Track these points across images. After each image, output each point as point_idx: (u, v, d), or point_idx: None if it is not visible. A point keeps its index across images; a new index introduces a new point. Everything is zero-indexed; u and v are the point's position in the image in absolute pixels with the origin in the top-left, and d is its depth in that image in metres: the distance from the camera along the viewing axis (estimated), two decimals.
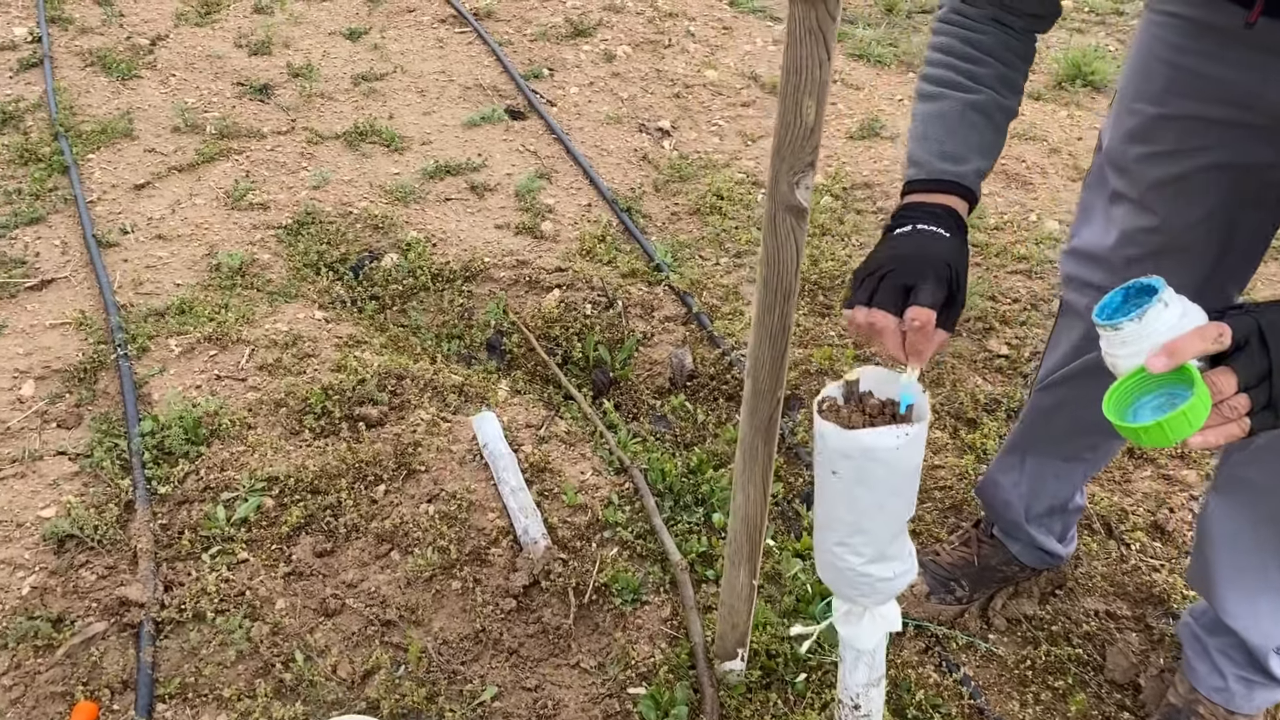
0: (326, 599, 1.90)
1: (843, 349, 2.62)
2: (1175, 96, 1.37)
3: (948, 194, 1.26)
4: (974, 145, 1.30)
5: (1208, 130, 1.36)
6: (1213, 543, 1.60)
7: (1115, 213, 1.52)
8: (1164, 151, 1.42)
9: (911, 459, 1.13)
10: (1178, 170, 1.42)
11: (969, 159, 1.29)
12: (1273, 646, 1.58)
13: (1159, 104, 1.40)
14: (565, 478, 2.17)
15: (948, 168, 1.28)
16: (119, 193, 3.18)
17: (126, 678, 1.72)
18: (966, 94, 1.32)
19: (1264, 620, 1.56)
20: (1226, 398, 0.91)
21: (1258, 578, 1.56)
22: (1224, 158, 1.37)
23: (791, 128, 1.18)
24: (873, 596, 1.26)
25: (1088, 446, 1.78)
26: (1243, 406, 0.91)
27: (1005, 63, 1.34)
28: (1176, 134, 1.39)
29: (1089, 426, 1.74)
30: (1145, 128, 1.43)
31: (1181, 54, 1.34)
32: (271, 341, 2.52)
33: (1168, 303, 0.98)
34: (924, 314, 1.08)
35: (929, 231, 1.19)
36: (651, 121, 3.89)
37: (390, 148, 3.56)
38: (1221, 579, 1.59)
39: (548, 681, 1.78)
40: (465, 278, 2.88)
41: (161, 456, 2.16)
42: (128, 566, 1.93)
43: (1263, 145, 1.34)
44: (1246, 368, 0.92)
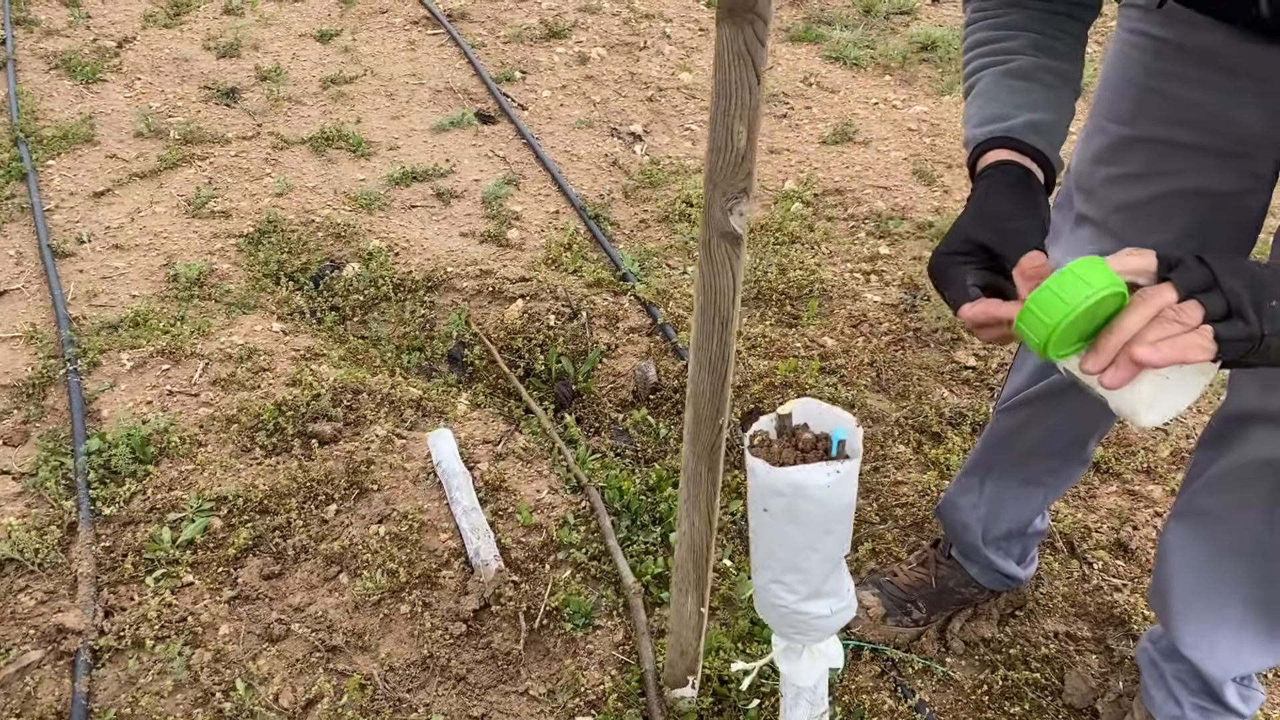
0: (271, 624, 1.85)
1: (808, 360, 2.59)
2: (1145, 118, 1.34)
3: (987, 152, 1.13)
4: (1016, 104, 1.17)
5: (1176, 154, 1.33)
6: (1171, 571, 1.57)
7: (1079, 235, 1.49)
8: (1131, 174, 1.38)
9: (843, 496, 1.09)
10: (1144, 194, 1.38)
11: (1012, 115, 1.15)
12: (1229, 677, 1.55)
13: (1129, 125, 1.36)
14: (521, 496, 2.13)
15: (991, 127, 1.15)
16: (77, 200, 3.13)
17: (61, 709, 1.68)
18: (998, 67, 1.21)
19: (1221, 652, 1.53)
20: (1168, 303, 0.82)
21: (1215, 610, 1.53)
22: (1192, 183, 1.34)
23: (723, 153, 1.15)
24: (810, 634, 1.23)
25: (1048, 470, 1.75)
26: (1193, 311, 0.82)
27: (1039, 31, 1.22)
28: (1145, 157, 1.36)
29: (1050, 450, 1.71)
30: (1114, 149, 1.40)
31: (1151, 75, 1.31)
32: (226, 355, 2.47)
33: None
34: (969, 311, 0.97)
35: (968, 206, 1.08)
36: (624, 126, 3.85)
37: (357, 153, 3.51)
38: (1178, 609, 1.56)
39: (495, 709, 1.74)
40: (428, 288, 2.84)
41: (108, 476, 2.12)
42: (67, 592, 1.88)
43: (1230, 172, 1.31)
44: (1183, 276, 0.83)
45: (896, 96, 4.16)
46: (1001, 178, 1.11)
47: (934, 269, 1.05)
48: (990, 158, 1.13)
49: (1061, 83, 1.21)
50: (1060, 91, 1.20)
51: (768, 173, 3.54)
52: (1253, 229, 1.39)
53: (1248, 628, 1.52)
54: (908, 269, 3.01)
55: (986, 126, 1.16)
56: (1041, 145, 1.13)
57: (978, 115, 1.19)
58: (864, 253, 3.09)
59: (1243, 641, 1.53)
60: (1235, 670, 1.55)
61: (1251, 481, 1.42)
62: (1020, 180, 1.10)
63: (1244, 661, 1.55)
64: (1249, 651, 1.54)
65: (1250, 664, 1.55)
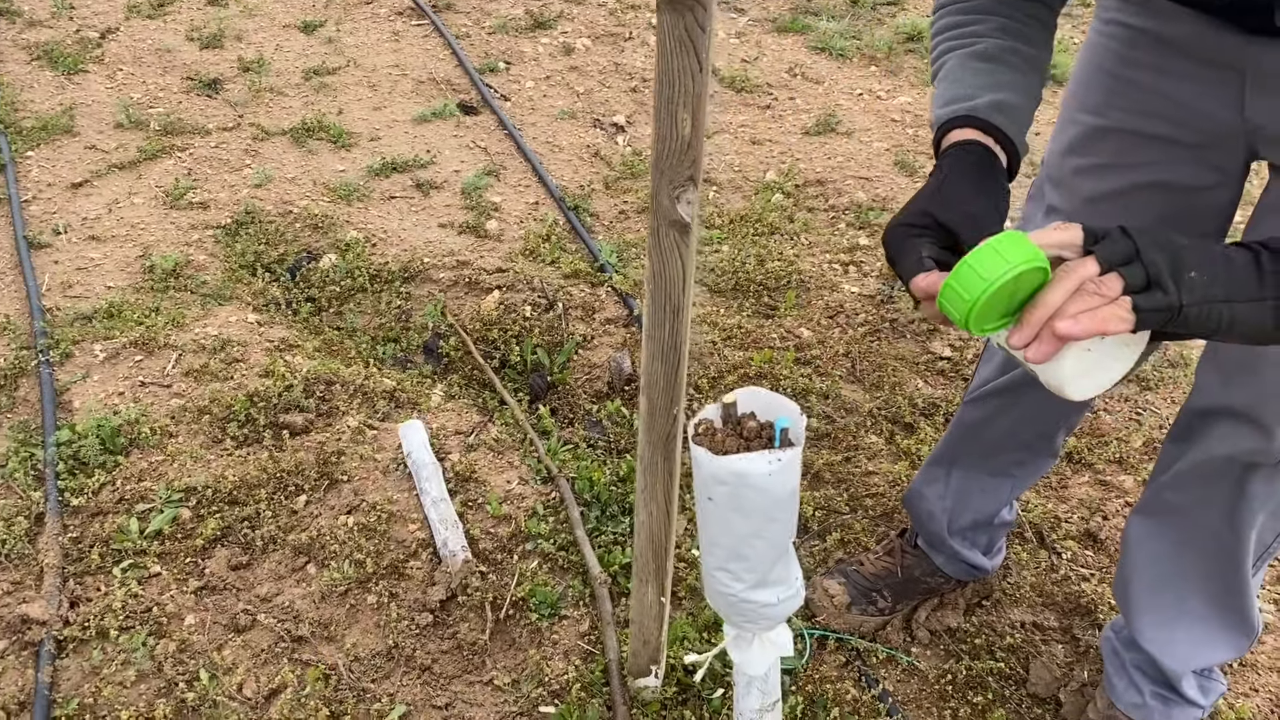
0: (238, 614, 1.85)
1: (784, 351, 2.59)
2: (1115, 109, 1.34)
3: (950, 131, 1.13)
4: (981, 84, 1.16)
5: (1145, 146, 1.33)
6: (1133, 564, 1.57)
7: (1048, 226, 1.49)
8: (1100, 165, 1.38)
9: (786, 484, 1.09)
10: (1112, 186, 1.38)
11: (976, 95, 1.15)
12: (1187, 670, 1.55)
13: (1099, 115, 1.36)
14: (491, 487, 2.13)
15: (955, 106, 1.15)
16: (55, 191, 3.12)
17: (24, 699, 1.67)
18: (965, 49, 1.21)
19: (1179, 646, 1.53)
20: (1089, 276, 0.83)
21: (1176, 603, 1.53)
22: (1159, 176, 1.34)
23: (668, 141, 1.14)
24: (759, 622, 1.23)
25: (1015, 462, 1.75)
26: (1113, 284, 0.82)
27: (1007, 16, 1.22)
28: (1114, 147, 1.36)
29: (1018, 442, 1.72)
30: (1084, 139, 1.40)
31: (1125, 65, 1.31)
32: (200, 346, 2.47)
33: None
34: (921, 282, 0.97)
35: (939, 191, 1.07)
36: (607, 117, 3.84)
37: (337, 144, 3.50)
38: (1139, 602, 1.56)
39: (459, 699, 1.74)
40: (404, 279, 2.83)
41: (77, 467, 2.11)
42: (33, 582, 1.88)
43: (1198, 166, 1.31)
44: (1106, 250, 0.84)
45: (881, 87, 4.15)
46: (965, 157, 1.10)
47: (889, 239, 1.04)
48: (954, 136, 1.12)
49: (1028, 67, 1.20)
50: (1027, 76, 1.20)
51: (749, 163, 3.53)
52: (1221, 225, 1.39)
53: (1207, 622, 1.53)
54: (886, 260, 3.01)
55: (951, 106, 1.15)
56: (1005, 125, 1.13)
57: (943, 96, 1.18)
58: (843, 244, 3.09)
59: (1202, 636, 1.53)
60: (1194, 663, 1.55)
61: (1214, 478, 1.42)
62: (983, 160, 1.10)
63: (1203, 655, 1.55)
64: (1208, 646, 1.54)
65: (1209, 658, 1.55)
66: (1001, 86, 1.16)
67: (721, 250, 3.01)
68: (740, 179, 3.44)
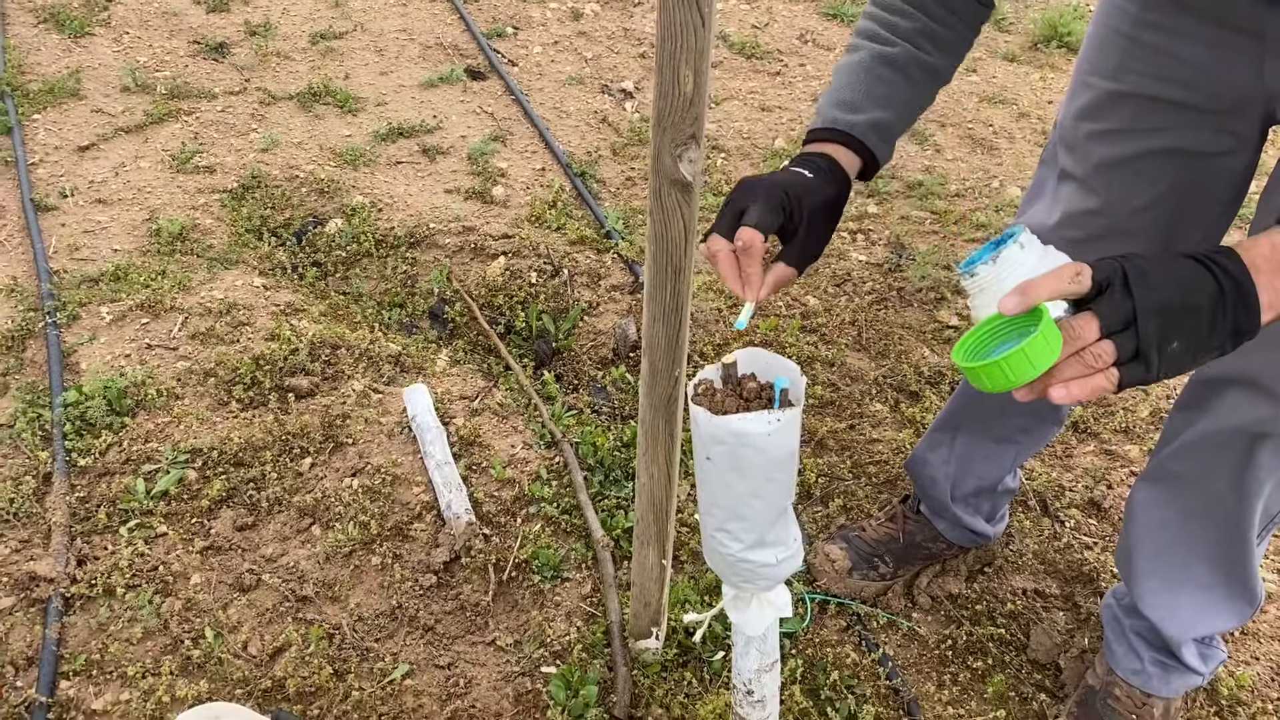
0: (243, 574, 1.87)
1: (790, 319, 2.58)
2: (1130, 72, 1.32)
3: (835, 144, 1.22)
4: (876, 97, 1.25)
5: (1159, 111, 1.31)
6: (1137, 532, 1.57)
7: (1062, 192, 1.48)
8: (1114, 130, 1.37)
9: (785, 445, 1.09)
10: (1126, 151, 1.37)
11: (865, 109, 1.23)
12: (1189, 638, 1.55)
13: (1113, 79, 1.35)
14: (495, 451, 2.13)
15: (839, 115, 1.23)
16: (62, 155, 3.12)
17: (31, 654, 1.69)
18: (880, 45, 1.27)
19: (1181, 613, 1.53)
20: (1088, 344, 0.84)
21: (1180, 571, 1.53)
22: (1173, 142, 1.32)
23: (670, 98, 1.13)
24: (757, 582, 1.23)
25: (1019, 429, 1.74)
26: (1107, 355, 0.84)
27: (934, 18, 1.27)
28: (1128, 112, 1.35)
29: (1021, 408, 1.70)
30: (1097, 104, 1.38)
31: (1140, 27, 1.29)
32: (206, 310, 2.47)
33: (1024, 245, 0.94)
34: (747, 233, 1.05)
35: (789, 170, 1.16)
36: (615, 83, 3.81)
37: (344, 109, 3.48)
38: (1142, 568, 1.56)
39: (462, 659, 1.76)
40: (410, 244, 2.83)
41: (84, 428, 2.12)
42: (41, 540, 1.90)
43: (1211, 132, 1.29)
44: (1108, 310, 0.85)
45: None
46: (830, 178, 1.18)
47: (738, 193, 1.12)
48: (824, 148, 1.22)
49: (927, 81, 1.29)
50: (921, 91, 1.30)
51: (758, 130, 3.50)
52: (1236, 191, 1.37)
53: (1210, 590, 1.52)
54: (895, 228, 2.99)
55: (836, 112, 1.24)
56: (875, 146, 1.24)
57: (838, 93, 1.27)
58: (851, 211, 3.07)
59: (1204, 603, 1.53)
60: (1195, 631, 1.55)
61: (1221, 448, 1.41)
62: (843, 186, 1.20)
63: (1204, 623, 1.55)
64: (1210, 613, 1.54)
65: (1210, 625, 1.55)
66: (890, 104, 1.25)
67: None
68: (749, 146, 3.42)
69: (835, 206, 1.18)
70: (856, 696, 1.69)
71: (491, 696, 1.68)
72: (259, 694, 1.66)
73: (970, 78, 3.96)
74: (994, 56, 4.20)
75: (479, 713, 1.65)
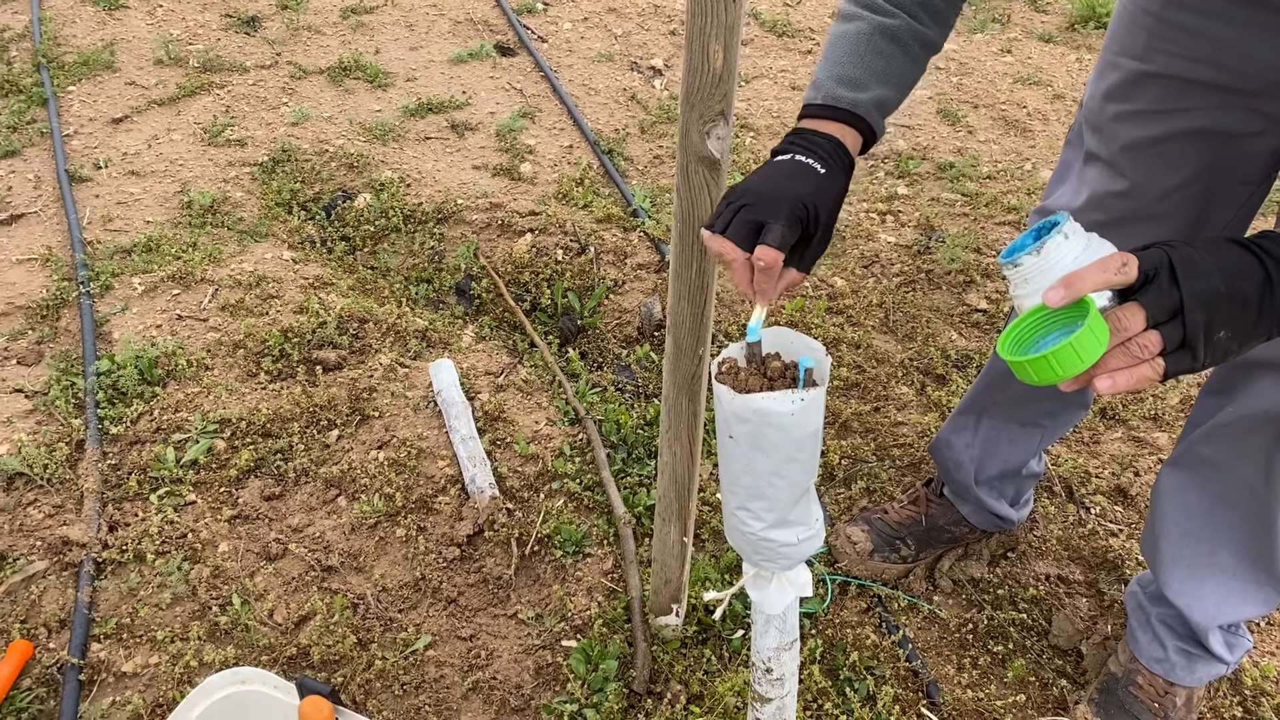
0: (270, 543, 1.89)
1: (816, 300, 2.57)
2: (1158, 52, 1.29)
3: (839, 123, 1.20)
4: (878, 72, 1.22)
5: (1188, 91, 1.28)
6: (1163, 517, 1.55)
7: (1088, 174, 1.46)
8: (1141, 111, 1.34)
9: (808, 425, 1.08)
10: (1154, 132, 1.34)
11: (869, 86, 1.21)
12: (1215, 625, 1.54)
13: (1141, 59, 1.32)
14: (519, 427, 2.14)
15: (843, 93, 1.21)
16: (96, 126, 3.15)
17: (64, 617, 1.73)
18: (880, 16, 1.24)
19: (1207, 600, 1.52)
20: (1133, 335, 0.84)
21: (1206, 557, 1.51)
22: (1202, 123, 1.29)
23: (699, 73, 1.13)
24: (778, 561, 1.23)
25: (1045, 413, 1.73)
26: (1153, 345, 0.83)
27: None
28: (1156, 93, 1.32)
29: (1047, 392, 1.69)
30: (1125, 84, 1.36)
31: (1169, 6, 1.26)
32: (236, 282, 2.50)
33: (1069, 235, 0.92)
34: (769, 255, 1.03)
35: (802, 164, 1.13)
36: (644, 60, 3.79)
37: (374, 84, 3.49)
38: (1168, 554, 1.55)
39: (484, 631, 1.78)
40: (438, 220, 2.83)
41: (116, 396, 2.16)
42: (74, 506, 1.93)
43: (1241, 112, 1.26)
44: (1154, 300, 0.84)
45: None
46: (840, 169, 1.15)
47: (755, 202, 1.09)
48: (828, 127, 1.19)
49: (923, 53, 1.27)
50: (917, 65, 1.27)
51: (787, 109, 3.47)
52: (1267, 173, 1.34)
53: (1237, 577, 1.51)
54: (925, 210, 2.96)
55: (843, 90, 1.21)
56: (875, 123, 1.21)
57: (836, 67, 1.23)
58: (881, 192, 3.04)
59: (1231, 590, 1.52)
60: (1222, 618, 1.54)
61: (1251, 434, 1.39)
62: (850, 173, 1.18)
63: (1231, 610, 1.53)
64: (1237, 600, 1.53)
65: (1237, 613, 1.54)
66: (891, 79, 1.23)
67: None
68: (779, 125, 3.39)
69: (843, 198, 1.17)
70: (875, 677, 1.69)
71: (512, 668, 1.70)
72: (284, 661, 1.68)
73: (1005, 58, 3.90)
74: (1030, 37, 4.14)
75: (500, 684, 1.67)
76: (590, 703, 1.61)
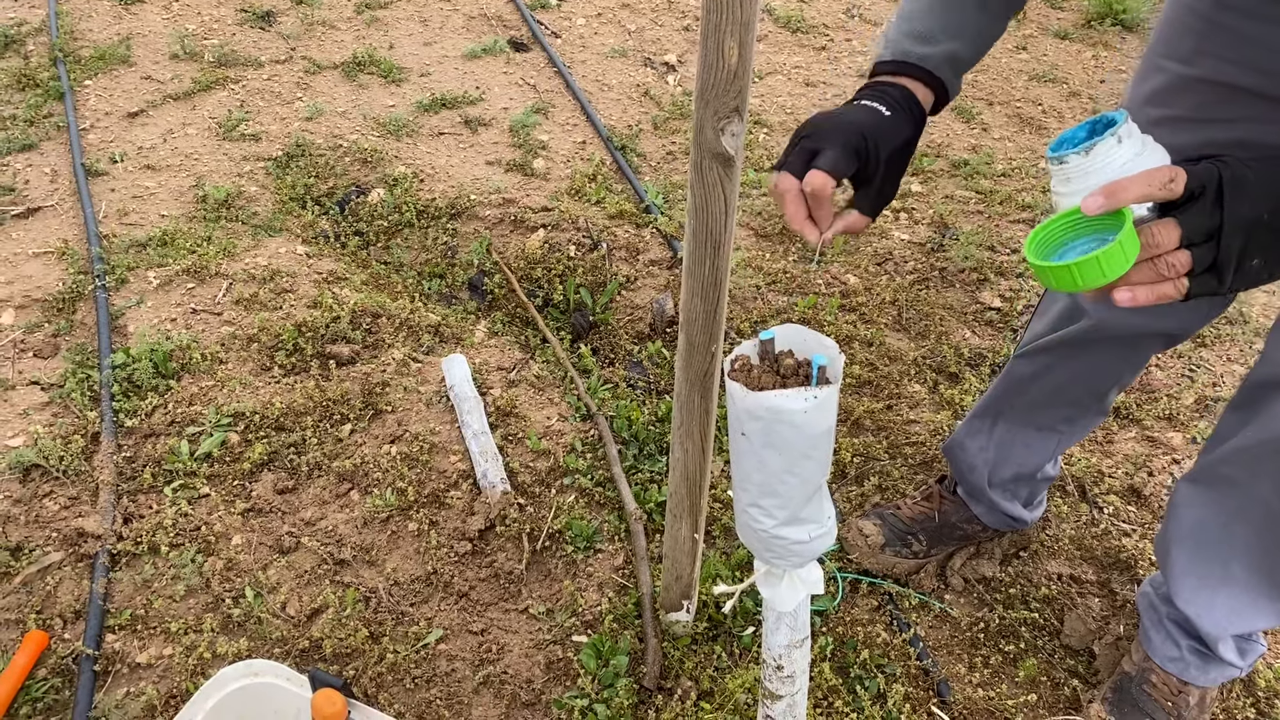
0: (283, 536, 1.90)
1: (829, 298, 2.56)
2: (1206, 56, 1.25)
3: (909, 77, 1.16)
4: (951, 26, 1.19)
5: (1231, 100, 1.24)
6: (1178, 528, 1.54)
7: None
8: (1180, 117, 1.29)
9: (821, 422, 1.08)
10: (1190, 140, 1.26)
11: (939, 40, 1.18)
12: (1226, 635, 1.53)
13: (1188, 63, 1.27)
14: (531, 422, 2.15)
15: (912, 48, 1.18)
16: (112, 121, 3.17)
17: (79, 608, 1.74)
18: None
19: (1218, 611, 1.51)
20: (1164, 252, 0.82)
21: (1219, 569, 1.50)
22: (1239, 134, 1.24)
23: (714, 70, 1.12)
24: (789, 559, 1.23)
25: (1063, 419, 1.71)
26: (1182, 265, 0.82)
27: None
28: (1196, 100, 1.27)
29: (1067, 399, 1.67)
30: (1168, 89, 1.31)
31: (1219, 9, 1.22)
32: (250, 276, 2.51)
33: (1122, 138, 0.88)
34: (818, 178, 1.01)
35: (867, 106, 1.11)
36: (658, 55, 3.78)
37: (388, 79, 3.50)
38: (1180, 566, 1.54)
39: (495, 626, 1.78)
40: (451, 215, 2.84)
41: (131, 389, 2.17)
42: (89, 498, 1.94)
43: None
44: (1193, 221, 0.82)
45: None
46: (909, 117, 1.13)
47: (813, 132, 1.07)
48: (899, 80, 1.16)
49: (1004, 7, 1.23)
50: (998, 19, 1.23)
51: (801, 105, 3.47)
52: None
53: (1250, 590, 1.49)
54: (939, 207, 2.95)
55: (912, 44, 1.18)
56: (948, 79, 1.18)
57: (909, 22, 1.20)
58: None
59: (1243, 603, 1.51)
60: (1233, 630, 1.53)
61: (1270, 456, 1.37)
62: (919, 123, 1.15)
63: (1242, 622, 1.52)
64: (1249, 613, 1.51)
65: (1248, 624, 1.53)
66: (964, 33, 1.19)
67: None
68: (792, 121, 3.38)
69: (911, 147, 1.13)
70: (886, 675, 1.69)
71: (523, 663, 1.71)
72: (296, 653, 1.69)
73: (1020, 55, 3.88)
74: (1045, 34, 4.11)
75: (511, 678, 1.68)
76: (601, 698, 1.62)
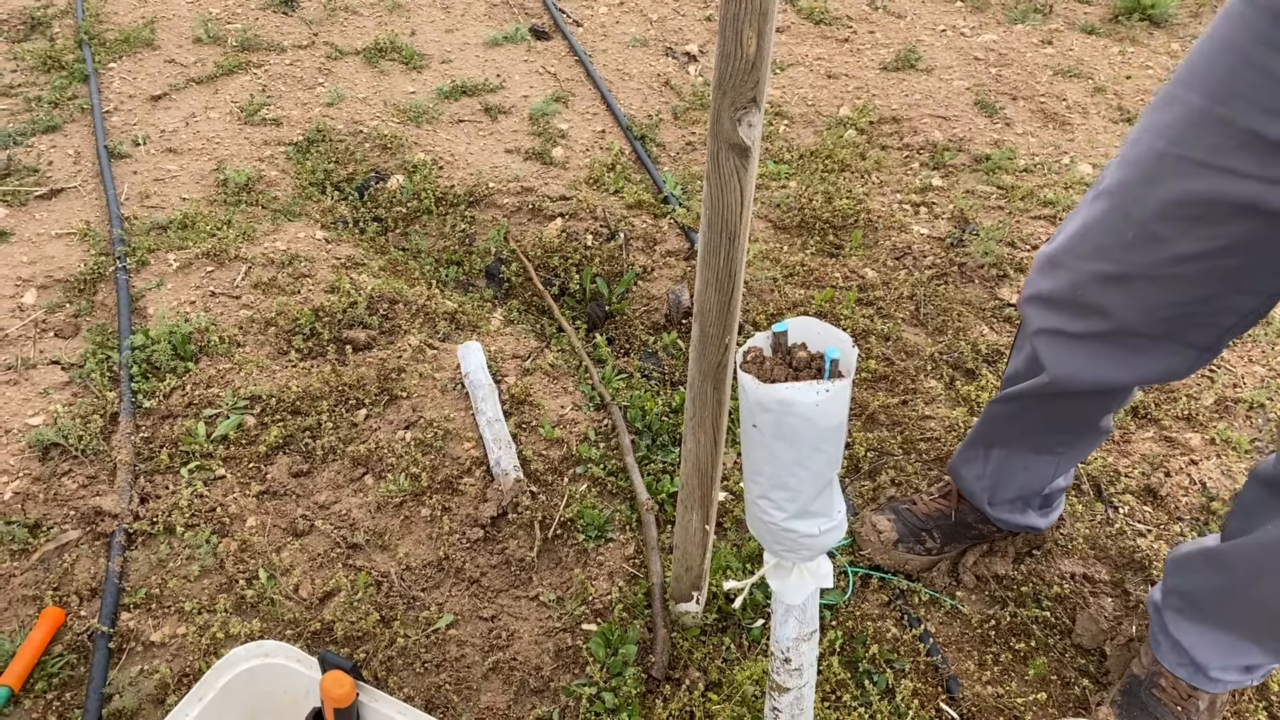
0: (297, 519, 1.92)
1: (846, 291, 2.55)
2: (1236, 96, 1.17)
3: None
4: None
5: (1253, 151, 1.16)
6: (1178, 584, 1.54)
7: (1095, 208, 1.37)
8: (1194, 160, 1.22)
9: (833, 416, 1.08)
10: (1190, 189, 1.23)
11: None
12: (1221, 665, 1.53)
13: (1214, 100, 1.19)
14: (545, 411, 2.15)
15: None
16: (135, 103, 3.19)
17: (95, 586, 1.76)
18: None
19: (1211, 651, 1.52)
20: None
21: (1215, 623, 1.50)
22: (1253, 195, 1.17)
23: (732, 60, 1.12)
24: (799, 552, 1.23)
25: (1060, 443, 1.67)
26: None
27: None
28: (1216, 143, 1.19)
29: (1059, 428, 1.64)
30: (1183, 125, 1.23)
31: (1263, 47, 1.14)
32: (269, 260, 2.52)
33: None
34: None
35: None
36: (679, 45, 3.77)
37: (409, 66, 3.50)
38: (1177, 617, 1.54)
39: (505, 612, 1.79)
40: (469, 203, 2.84)
41: (150, 371, 2.19)
42: (107, 477, 1.96)
43: None
44: None
45: (966, 24, 4.00)
46: None
47: None
48: None
49: None
50: None
51: (823, 98, 3.45)
52: None
53: (1246, 640, 1.49)
54: (959, 202, 2.93)
55: None
56: None
57: None
58: (915, 184, 3.01)
59: (1241, 652, 1.50)
60: (1227, 662, 1.53)
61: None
62: None
63: (1241, 660, 1.52)
64: (1246, 656, 1.51)
65: (1245, 660, 1.52)
66: None
67: (789, 186, 2.96)
68: (813, 113, 3.37)
69: None
70: (895, 670, 1.69)
71: (532, 650, 1.71)
72: (308, 635, 1.71)
73: (1045, 50, 3.84)
74: (1072, 28, 4.07)
75: (520, 665, 1.68)
76: (609, 686, 1.62)
